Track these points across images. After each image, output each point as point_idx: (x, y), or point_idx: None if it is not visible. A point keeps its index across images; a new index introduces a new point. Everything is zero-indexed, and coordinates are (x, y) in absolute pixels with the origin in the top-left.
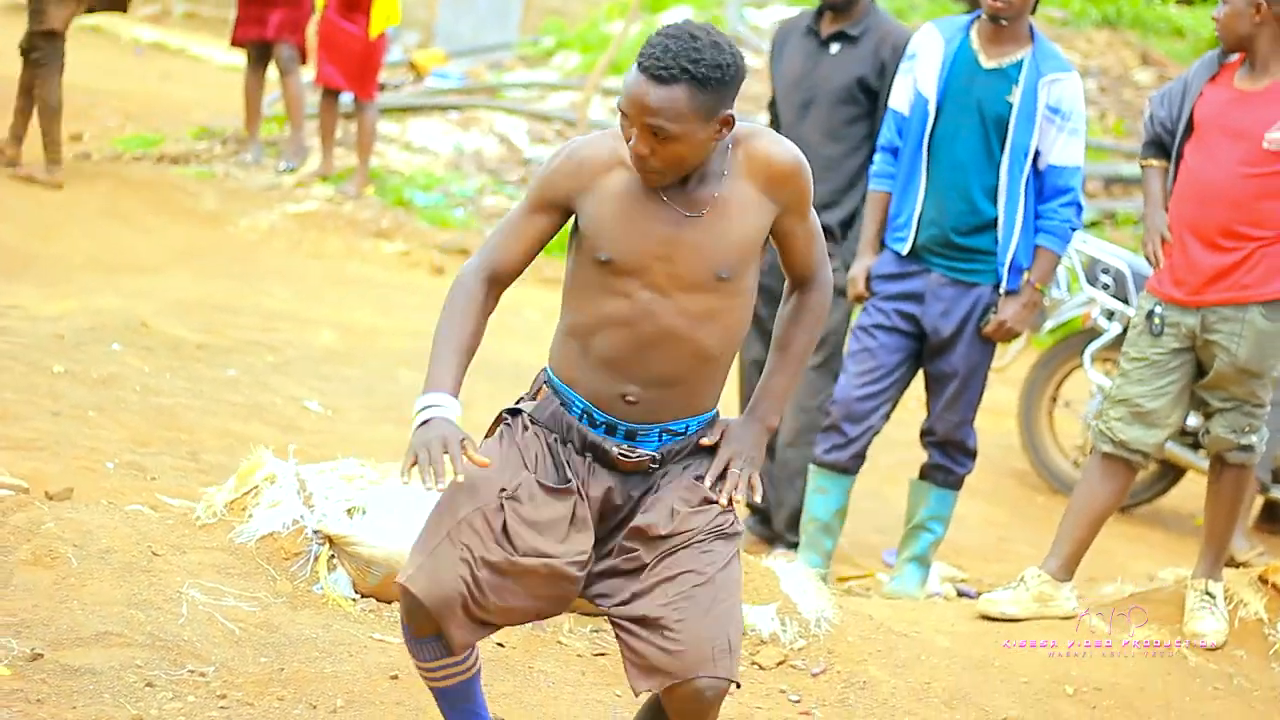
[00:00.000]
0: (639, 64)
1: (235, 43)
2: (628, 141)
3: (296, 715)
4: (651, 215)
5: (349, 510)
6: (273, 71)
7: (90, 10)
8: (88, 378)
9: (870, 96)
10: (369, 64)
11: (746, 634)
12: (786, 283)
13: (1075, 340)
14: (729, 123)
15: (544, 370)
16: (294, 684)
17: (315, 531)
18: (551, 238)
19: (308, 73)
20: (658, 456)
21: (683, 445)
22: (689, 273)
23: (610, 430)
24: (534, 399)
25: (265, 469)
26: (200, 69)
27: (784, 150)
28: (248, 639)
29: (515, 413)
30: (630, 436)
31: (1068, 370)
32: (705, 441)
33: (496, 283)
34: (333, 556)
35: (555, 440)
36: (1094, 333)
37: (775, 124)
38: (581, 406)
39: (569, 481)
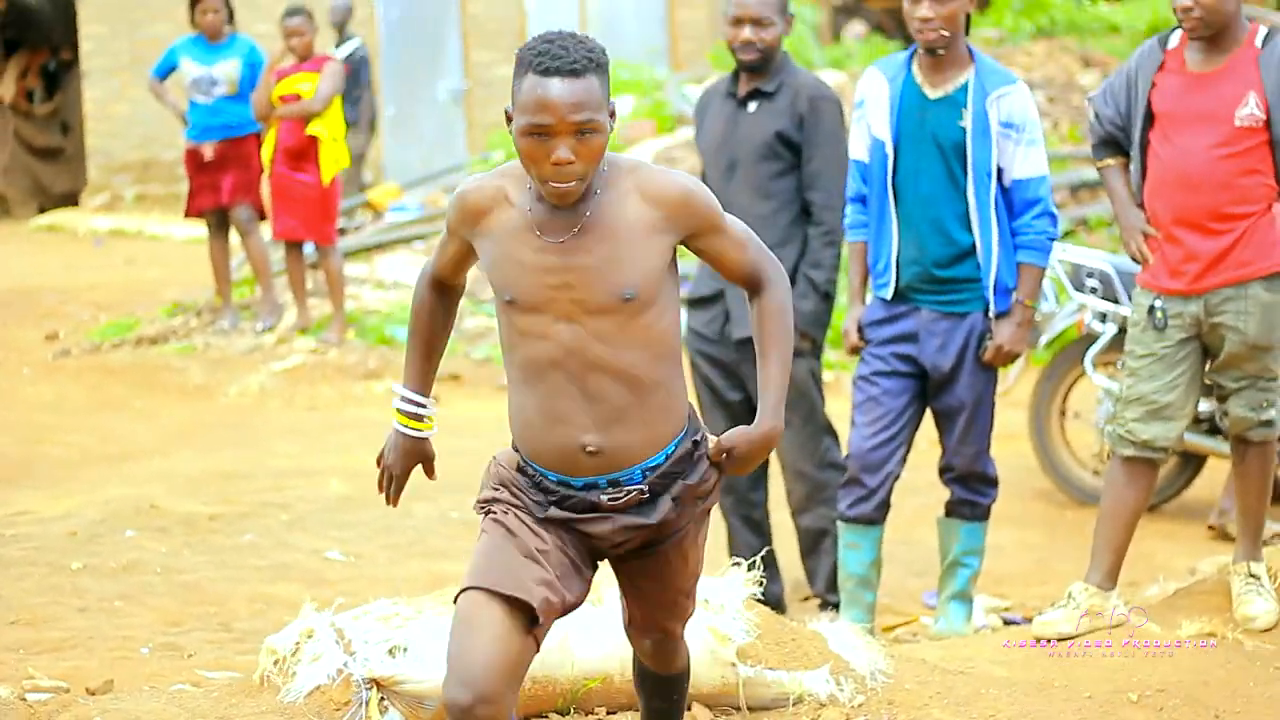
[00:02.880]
0: (543, 69)
1: (191, 214)
2: (534, 165)
3: None
4: (541, 246)
5: (391, 650)
6: (234, 236)
7: (43, 210)
8: (107, 569)
9: (792, 150)
10: (326, 211)
11: (804, 701)
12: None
13: (1073, 350)
14: (614, 114)
15: (513, 445)
16: None
17: (362, 678)
18: (474, 259)
19: (266, 229)
20: (645, 489)
21: (670, 468)
22: (592, 296)
23: (590, 487)
24: (510, 468)
25: (301, 625)
26: (161, 248)
27: (673, 180)
28: None
29: (493, 502)
30: (614, 485)
31: (1071, 382)
32: (714, 456)
33: (443, 284)
34: (383, 699)
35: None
36: (1090, 339)
37: None
38: (555, 478)
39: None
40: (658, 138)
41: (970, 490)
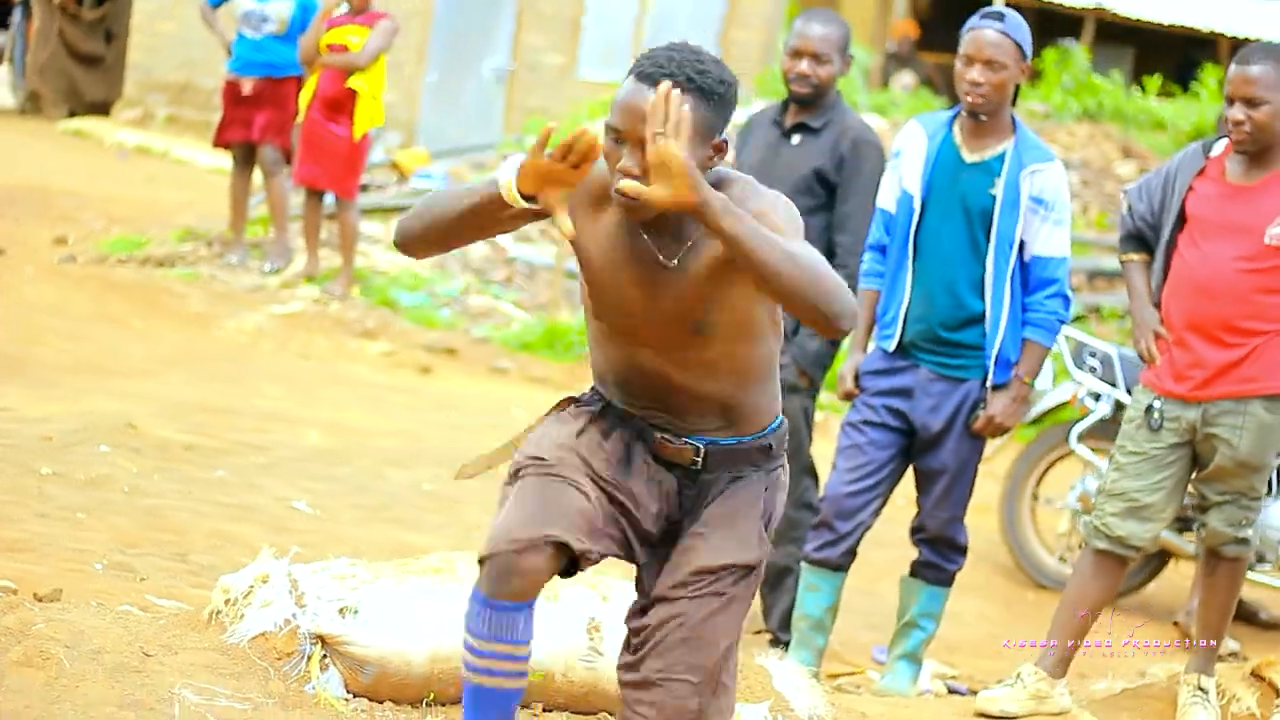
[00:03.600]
0: (637, 71)
1: (219, 144)
2: (613, 166)
3: None
4: (632, 262)
5: (341, 610)
6: (257, 173)
7: (73, 114)
8: (75, 479)
9: (828, 189)
10: (352, 165)
11: None
12: None
13: (1054, 432)
14: (722, 150)
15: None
16: None
17: (308, 632)
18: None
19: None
20: (700, 450)
21: (730, 451)
22: (665, 333)
23: (651, 426)
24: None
25: (258, 568)
26: (184, 172)
27: (768, 199)
28: None
29: (572, 400)
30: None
31: (1048, 464)
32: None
33: None
34: (325, 656)
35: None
36: (1074, 421)
37: None
38: (621, 405)
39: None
40: None
41: (938, 554)
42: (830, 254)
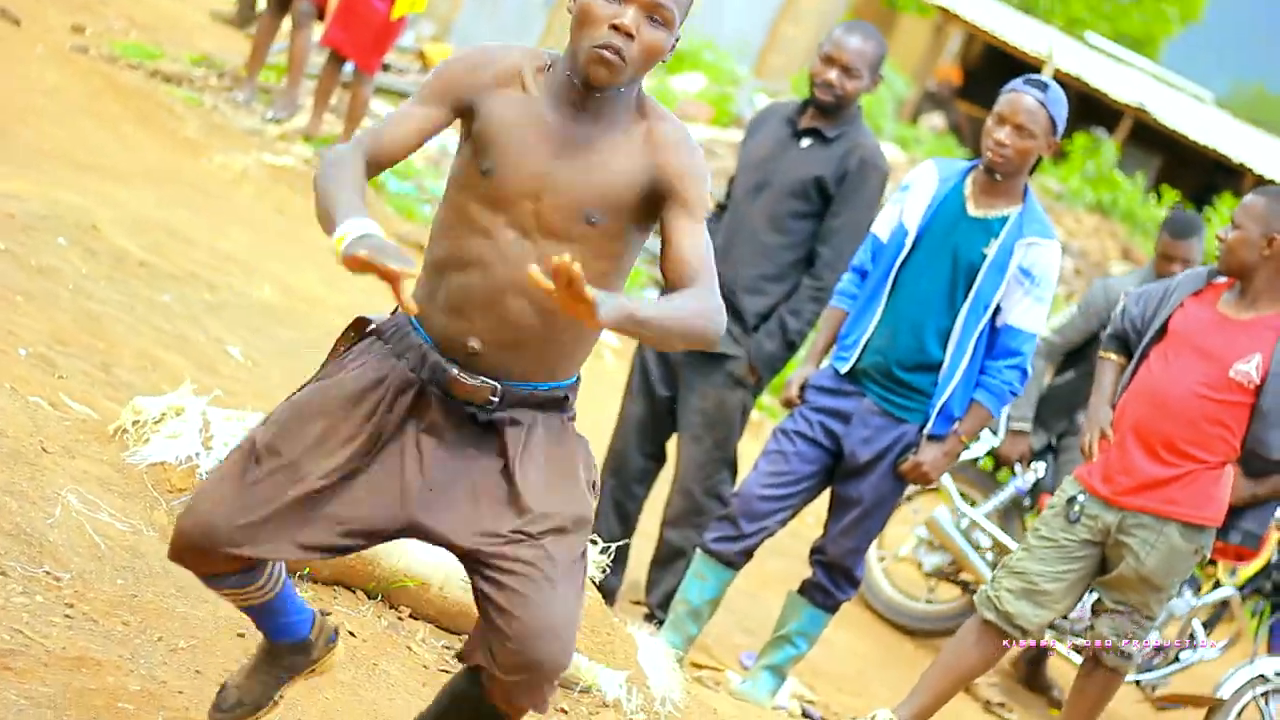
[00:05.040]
0: None
1: None
2: (590, 27)
3: (137, 644)
4: (538, 140)
5: None
6: (286, 21)
7: None
8: (27, 263)
9: (824, 199)
10: (382, 41)
11: (591, 693)
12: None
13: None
14: (674, 46)
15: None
16: (143, 614)
17: (206, 474)
18: (435, 134)
19: (319, 31)
20: (498, 389)
21: (528, 399)
22: (556, 213)
23: (450, 361)
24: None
25: (175, 399)
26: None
27: (687, 143)
28: (110, 557)
29: (362, 329)
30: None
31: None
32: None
33: (372, 159)
34: None
35: (390, 374)
36: None
37: (726, 199)
38: (427, 340)
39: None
40: (710, 126)
41: (832, 580)
42: (809, 262)
